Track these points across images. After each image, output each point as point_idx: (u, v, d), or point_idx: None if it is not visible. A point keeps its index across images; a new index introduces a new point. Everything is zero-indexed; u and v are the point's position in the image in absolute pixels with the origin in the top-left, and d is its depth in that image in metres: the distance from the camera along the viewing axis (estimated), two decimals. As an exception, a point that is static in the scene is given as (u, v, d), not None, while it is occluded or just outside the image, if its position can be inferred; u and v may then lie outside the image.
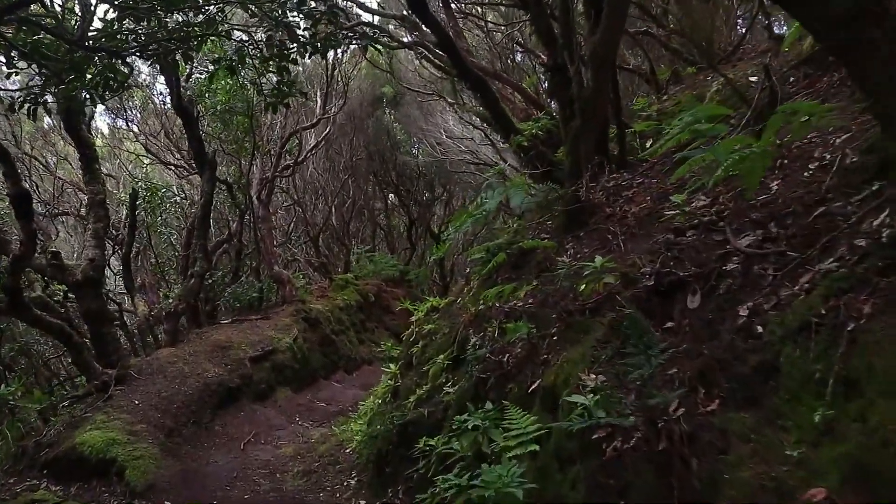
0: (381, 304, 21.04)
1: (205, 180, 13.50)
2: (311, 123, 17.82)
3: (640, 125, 8.20)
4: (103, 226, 11.79)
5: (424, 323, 8.84)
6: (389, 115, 24.99)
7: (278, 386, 12.91)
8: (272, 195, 18.09)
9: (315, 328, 15.39)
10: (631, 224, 6.00)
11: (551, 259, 6.39)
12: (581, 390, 3.91)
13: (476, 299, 7.36)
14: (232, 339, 13.03)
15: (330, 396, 13.61)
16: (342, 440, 9.52)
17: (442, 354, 7.15)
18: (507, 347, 5.62)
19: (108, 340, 11.28)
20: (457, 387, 6.30)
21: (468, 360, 6.22)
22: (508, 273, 7.20)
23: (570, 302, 5.22)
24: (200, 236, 13.46)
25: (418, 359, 8.17)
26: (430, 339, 8.20)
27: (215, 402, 11.10)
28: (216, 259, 17.16)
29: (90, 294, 11.12)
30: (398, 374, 8.72)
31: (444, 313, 8.64)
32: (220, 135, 15.80)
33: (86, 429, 9.07)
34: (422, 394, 7.20)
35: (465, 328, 7.02)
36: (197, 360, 11.84)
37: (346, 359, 16.21)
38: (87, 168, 11.77)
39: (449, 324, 7.90)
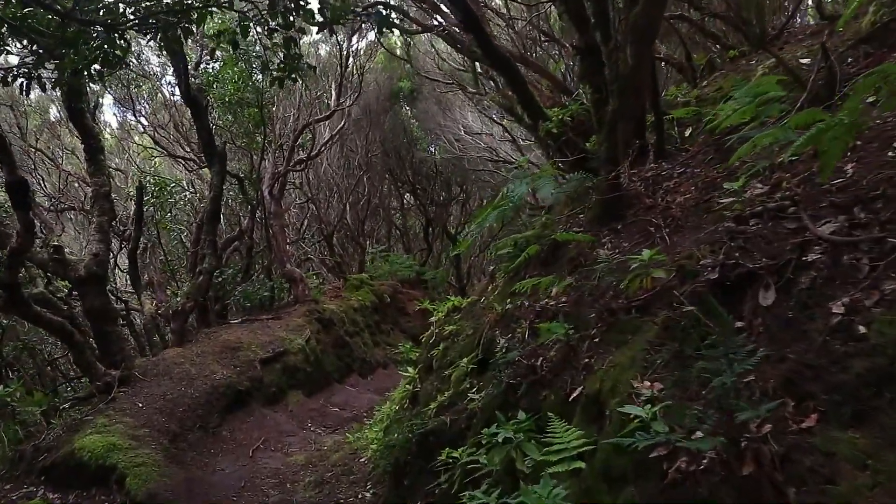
0: (397, 306, 20.63)
1: (214, 173, 13.09)
2: (325, 115, 17.40)
3: (679, 112, 7.68)
4: (108, 219, 11.39)
5: (445, 324, 8.37)
6: (406, 111, 24.53)
7: (290, 389, 12.48)
8: (284, 190, 17.67)
9: (329, 329, 14.95)
10: (676, 215, 5.51)
11: (586, 254, 5.92)
12: (635, 399, 3.42)
13: (502, 298, 6.91)
14: (242, 339, 12.62)
15: (343, 401, 13.16)
16: (357, 448, 9.06)
17: (465, 358, 6.67)
18: (540, 350, 5.14)
19: (113, 340, 10.86)
20: (483, 393, 5.82)
21: (496, 363, 5.75)
22: (538, 269, 6.73)
23: (612, 300, 4.73)
24: (210, 232, 13.04)
25: (439, 362, 7.70)
26: (451, 342, 7.73)
27: (223, 405, 10.69)
28: (226, 257, 16.77)
29: (94, 291, 10.72)
30: (417, 378, 8.26)
31: (466, 313, 8.16)
32: (231, 127, 15.39)
33: (86, 433, 8.68)
34: (443, 400, 6.72)
35: (490, 329, 6.56)
36: (205, 361, 11.43)
37: (361, 362, 15.77)
38: (92, 159, 11.37)
39: (472, 325, 7.43)
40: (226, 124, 15.61)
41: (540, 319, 5.55)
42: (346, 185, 22.34)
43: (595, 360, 4.29)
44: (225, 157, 13.41)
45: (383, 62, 22.52)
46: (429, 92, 23.62)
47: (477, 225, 7.62)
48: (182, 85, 12.43)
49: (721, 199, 4.89)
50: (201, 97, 12.90)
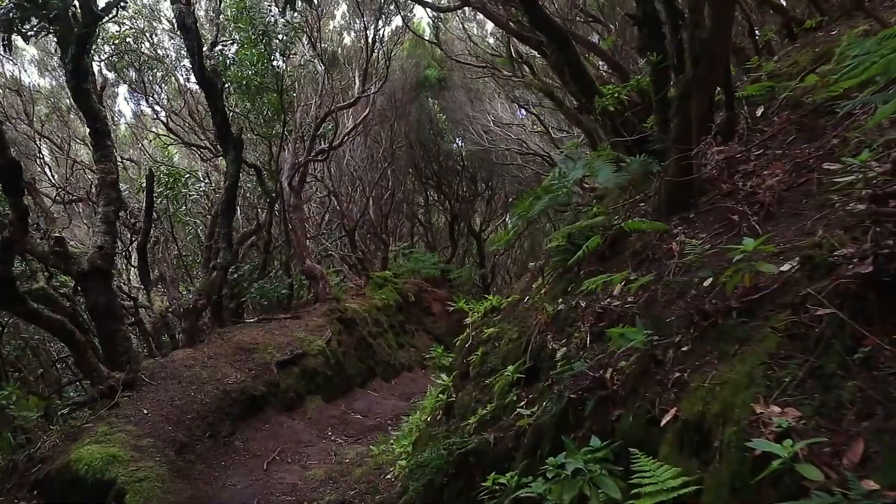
0: (422, 305, 19.93)
1: (230, 161, 12.39)
2: (349, 102, 16.68)
3: (752, 88, 6.86)
4: (114, 210, 10.72)
5: (483, 326, 7.61)
6: (433, 102, 23.81)
7: (308, 395, 11.78)
8: (305, 182, 16.95)
9: (350, 330, 14.24)
10: (766, 201, 4.71)
11: (654, 246, 5.15)
12: (763, 428, 2.64)
13: (552, 297, 6.15)
14: (257, 340, 11.93)
15: (366, 407, 12.45)
16: (382, 463, 8.32)
17: (510, 365, 5.88)
18: (609, 360, 4.36)
19: (118, 340, 10.19)
20: (535, 408, 5.03)
21: (552, 374, 5.00)
22: (593, 265, 5.95)
23: (701, 300, 3.95)
24: (224, 224, 12.35)
25: (477, 369, 6.94)
26: (491, 346, 6.96)
27: (236, 412, 10.01)
28: (243, 252, 16.12)
29: (98, 286, 10.05)
30: (451, 386, 7.49)
31: (506, 315, 7.39)
32: (248, 115, 14.71)
33: (84, 442, 8.03)
34: (485, 414, 5.93)
35: (540, 333, 5.79)
36: (217, 363, 10.76)
37: (384, 365, 15.06)
38: (98, 144, 10.72)
39: (517, 327, 6.66)
40: (243, 112, 14.93)
41: (602, 322, 4.82)
42: (370, 178, 21.60)
43: (690, 374, 3.50)
44: (241, 144, 12.69)
45: (409, 49, 21.82)
46: (458, 80, 22.96)
47: (521, 215, 6.91)
48: (196, 66, 11.73)
49: (835, 179, 4.10)
50: (216, 79, 12.20)
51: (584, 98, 7.42)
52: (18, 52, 17.85)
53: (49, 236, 10.21)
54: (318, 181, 20.70)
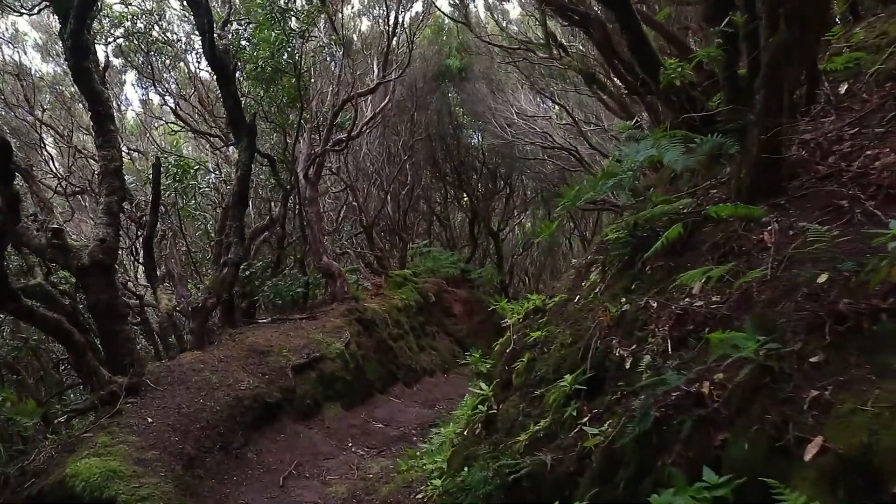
0: (442, 306, 19.29)
1: (242, 149, 11.75)
2: (369, 89, 16.00)
3: (838, 60, 6.15)
4: (118, 200, 10.10)
5: (526, 329, 6.92)
6: (454, 93, 23.18)
7: (326, 402, 11.15)
8: (321, 174, 16.29)
9: (370, 332, 13.60)
10: (885, 182, 4.04)
11: (741, 237, 4.49)
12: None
13: (613, 296, 5.48)
14: (271, 342, 11.31)
15: (388, 415, 11.80)
16: (411, 480, 7.65)
17: (567, 374, 5.18)
18: (704, 372, 3.67)
19: (121, 341, 9.56)
20: (606, 426, 4.33)
21: (620, 385, 4.36)
22: (662, 259, 5.26)
23: (828, 299, 3.26)
24: (236, 217, 11.71)
25: (522, 378, 6.26)
26: (539, 352, 6.27)
27: (249, 421, 9.39)
28: (255, 248, 15.48)
29: (99, 282, 9.44)
30: (492, 396, 6.80)
31: (554, 316, 6.69)
32: (262, 101, 14.07)
33: (82, 454, 7.39)
34: (537, 430, 5.23)
35: (602, 337, 5.12)
36: (228, 367, 10.14)
37: (406, 369, 14.42)
38: (100, 128, 10.11)
39: (569, 330, 5.96)
40: (258, 99, 14.28)
41: (685, 326, 4.15)
42: (388, 172, 20.94)
43: (834, 393, 2.80)
44: (255, 131, 12.06)
45: (430, 37, 21.18)
46: (480, 70, 22.33)
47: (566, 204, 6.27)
48: (206, 45, 11.08)
49: None
50: (228, 60, 11.55)
51: (646, 72, 6.71)
52: (20, 37, 17.44)
53: (46, 228, 9.56)
54: (334, 174, 20.06)
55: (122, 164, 10.42)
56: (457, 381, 15.80)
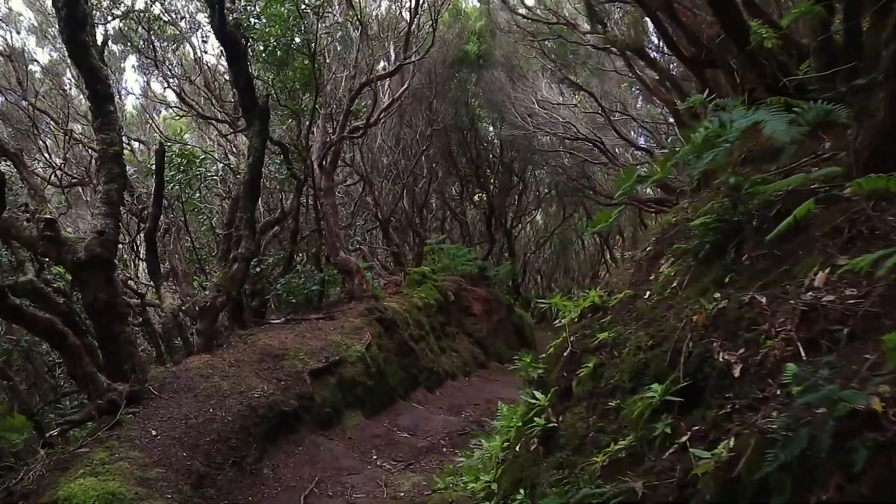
0: (461, 305, 18.44)
1: (254, 134, 10.88)
2: (389, 71, 15.16)
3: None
4: (118, 187, 9.25)
5: (585, 329, 6.06)
6: (474, 79, 22.38)
7: (346, 409, 10.32)
8: (337, 164, 15.44)
9: (391, 333, 12.76)
10: None
11: (869, 219, 3.67)
12: None
13: (701, 291, 4.63)
14: (286, 344, 10.49)
15: (413, 423, 10.96)
16: (451, 501, 6.79)
17: (655, 383, 4.32)
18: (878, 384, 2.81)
19: (121, 343, 8.72)
20: (720, 448, 3.46)
21: (729, 397, 3.54)
22: (762, 247, 4.43)
23: None
24: (247, 208, 10.85)
25: (587, 386, 5.39)
26: (607, 356, 5.40)
27: (263, 432, 8.54)
28: (265, 243, 14.64)
29: (97, 279, 8.59)
30: (550, 407, 5.93)
31: (619, 314, 5.82)
32: (274, 84, 13.23)
33: (76, 474, 6.54)
34: (618, 450, 4.36)
35: (697, 339, 4.26)
36: (240, 372, 9.31)
37: (427, 372, 13.57)
38: (98, 109, 9.26)
39: (644, 331, 5.09)
40: (272, 83, 13.45)
41: (811, 325, 3.38)
42: (404, 164, 20.10)
43: None
44: (268, 113, 11.19)
45: (448, 21, 20.35)
46: (500, 56, 21.58)
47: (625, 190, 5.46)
48: (216, 18, 10.19)
49: None
50: (239, 35, 10.69)
51: (732, 34, 5.89)
52: (14, 17, 16.67)
53: (38, 218, 8.71)
54: (348, 166, 19.24)
55: (122, 149, 9.60)
56: (480, 385, 15.00)
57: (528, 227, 35.34)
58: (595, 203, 28.71)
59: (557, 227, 33.21)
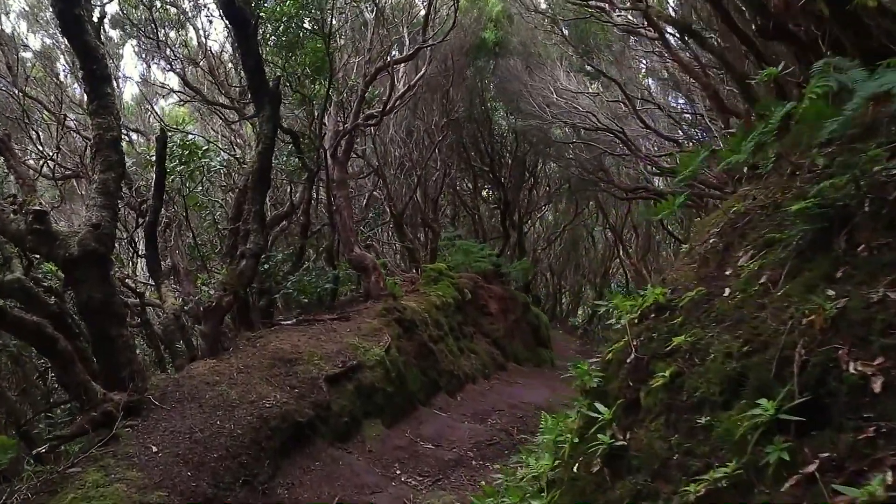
0: (477, 304, 17.67)
1: (263, 119, 10.10)
2: (407, 55, 14.34)
3: None
4: (115, 176, 8.48)
5: (651, 332, 5.27)
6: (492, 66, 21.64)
7: (366, 418, 9.57)
8: (350, 154, 14.64)
9: (410, 334, 12.01)
10: None
11: None
12: None
13: (809, 287, 3.84)
14: (299, 348, 9.73)
15: (437, 433, 10.21)
16: (499, 530, 6.00)
17: (765, 400, 3.54)
18: None
19: (118, 348, 7.96)
20: (874, 484, 2.68)
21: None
22: (870, 236, 3.69)
23: None
24: (256, 200, 10.08)
25: (662, 398, 4.61)
26: (687, 363, 4.60)
27: (276, 446, 7.80)
28: (272, 238, 13.89)
29: (92, 277, 7.83)
30: (614, 422, 5.15)
31: (692, 315, 5.03)
32: (285, 69, 12.47)
33: (66, 498, 5.86)
34: (719, 478, 3.57)
35: (815, 345, 3.47)
36: (249, 379, 8.56)
37: (448, 376, 12.82)
38: (94, 91, 8.51)
39: (731, 334, 4.31)
40: (283, 67, 12.69)
41: None
42: (417, 156, 19.33)
43: None
44: (279, 97, 10.41)
45: (466, 6, 19.58)
46: (518, 43, 20.85)
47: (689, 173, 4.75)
48: (223, -7, 9.46)
49: None
50: (249, 12, 9.91)
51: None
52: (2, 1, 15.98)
53: (27, 211, 7.94)
54: (360, 157, 18.49)
55: (120, 135, 8.82)
56: (501, 389, 14.24)
57: (538, 224, 34.61)
58: (612, 197, 28.02)
59: (569, 222, 32.50)
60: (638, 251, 32.32)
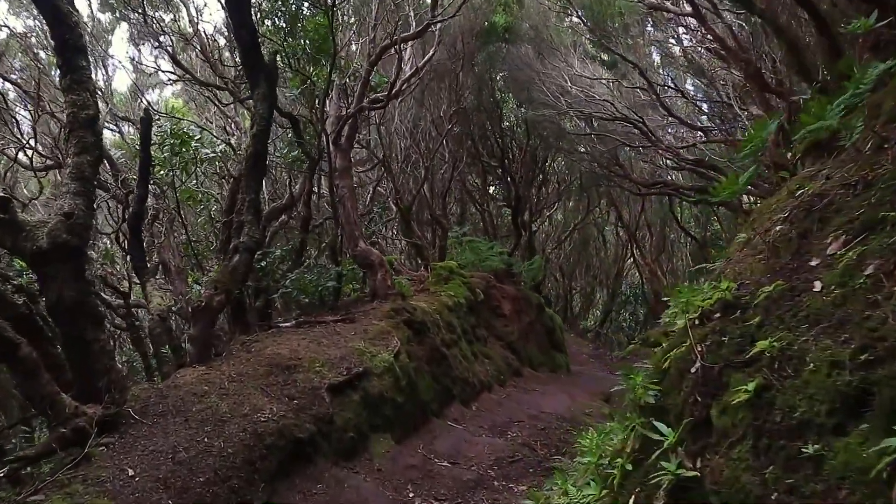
0: (490, 305, 16.80)
1: (258, 98, 9.20)
2: (416, 31, 13.43)
3: None
4: (91, 160, 7.61)
5: (720, 336, 4.39)
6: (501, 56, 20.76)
7: (373, 433, 8.68)
8: (354, 141, 13.73)
9: (421, 338, 11.11)
10: None
11: None
12: None
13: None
14: (299, 353, 8.83)
15: (452, 448, 9.32)
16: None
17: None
18: None
19: (94, 354, 7.09)
20: None
21: None
22: None
23: None
24: (250, 188, 9.18)
25: (749, 418, 3.75)
26: (775, 374, 3.74)
27: (273, 467, 6.91)
28: (271, 234, 13.02)
29: (64, 273, 6.97)
30: (679, 445, 4.26)
31: (773, 314, 4.14)
32: (284, 48, 11.60)
33: (22, 534, 4.92)
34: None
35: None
36: (242, 389, 7.69)
37: (462, 383, 11.93)
38: (67, 64, 7.64)
39: (847, 338, 3.44)
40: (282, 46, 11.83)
41: None
42: (425, 147, 18.46)
43: None
44: (275, 74, 9.52)
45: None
46: (529, 27, 20.00)
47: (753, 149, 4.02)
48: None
49: None
50: (241, -22, 9.05)
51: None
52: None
53: (-11, 197, 7.07)
54: (364, 148, 17.63)
55: (97, 114, 7.93)
56: (518, 397, 13.35)
57: (548, 223, 33.85)
58: (625, 194, 27.22)
59: (581, 220, 31.69)
60: (652, 251, 31.56)
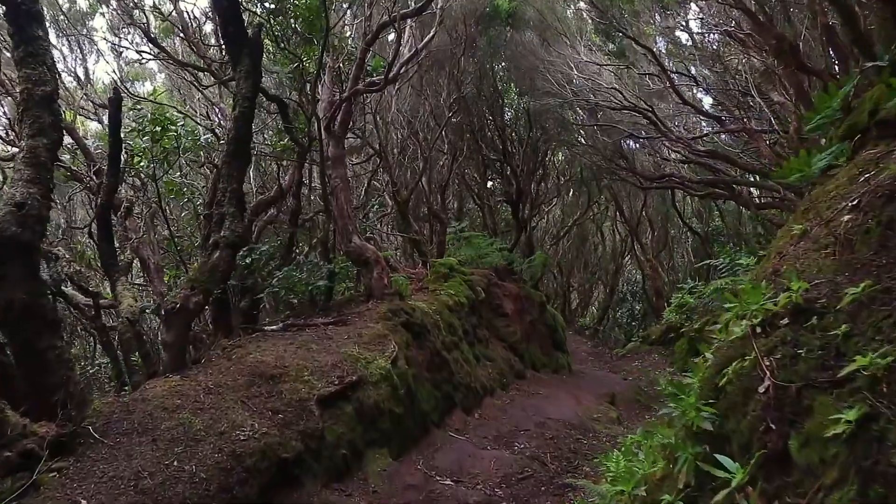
0: (492, 304, 16.06)
1: (241, 76, 8.31)
2: (417, 7, 12.53)
3: None
4: (48, 144, 6.76)
5: (794, 347, 3.59)
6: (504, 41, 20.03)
7: (368, 449, 7.85)
8: (347, 127, 12.85)
9: (421, 341, 10.30)
10: None
11: None
12: None
13: None
14: (285, 360, 7.98)
15: (455, 463, 8.51)
16: None
17: None
18: None
19: (49, 364, 6.26)
20: None
21: None
22: None
23: None
24: (232, 176, 8.29)
25: (850, 456, 2.97)
26: (882, 398, 2.95)
27: (253, 493, 6.07)
28: (258, 229, 12.19)
29: (14, 271, 6.14)
30: (749, 484, 3.43)
31: (867, 320, 3.37)
32: (272, 25, 10.76)
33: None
34: None
35: None
36: (220, 402, 6.84)
37: (464, 389, 11.15)
38: (20, 33, 6.80)
39: None
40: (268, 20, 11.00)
41: None
42: (423, 136, 17.65)
43: None
44: (260, 48, 8.58)
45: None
46: (533, 12, 19.30)
47: None
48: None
49: None
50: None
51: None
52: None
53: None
54: (359, 138, 16.83)
55: (56, 91, 7.08)
56: (523, 402, 12.56)
57: (546, 219, 33.29)
58: (630, 187, 26.60)
59: (581, 215, 31.10)
60: (653, 247, 31.00)
